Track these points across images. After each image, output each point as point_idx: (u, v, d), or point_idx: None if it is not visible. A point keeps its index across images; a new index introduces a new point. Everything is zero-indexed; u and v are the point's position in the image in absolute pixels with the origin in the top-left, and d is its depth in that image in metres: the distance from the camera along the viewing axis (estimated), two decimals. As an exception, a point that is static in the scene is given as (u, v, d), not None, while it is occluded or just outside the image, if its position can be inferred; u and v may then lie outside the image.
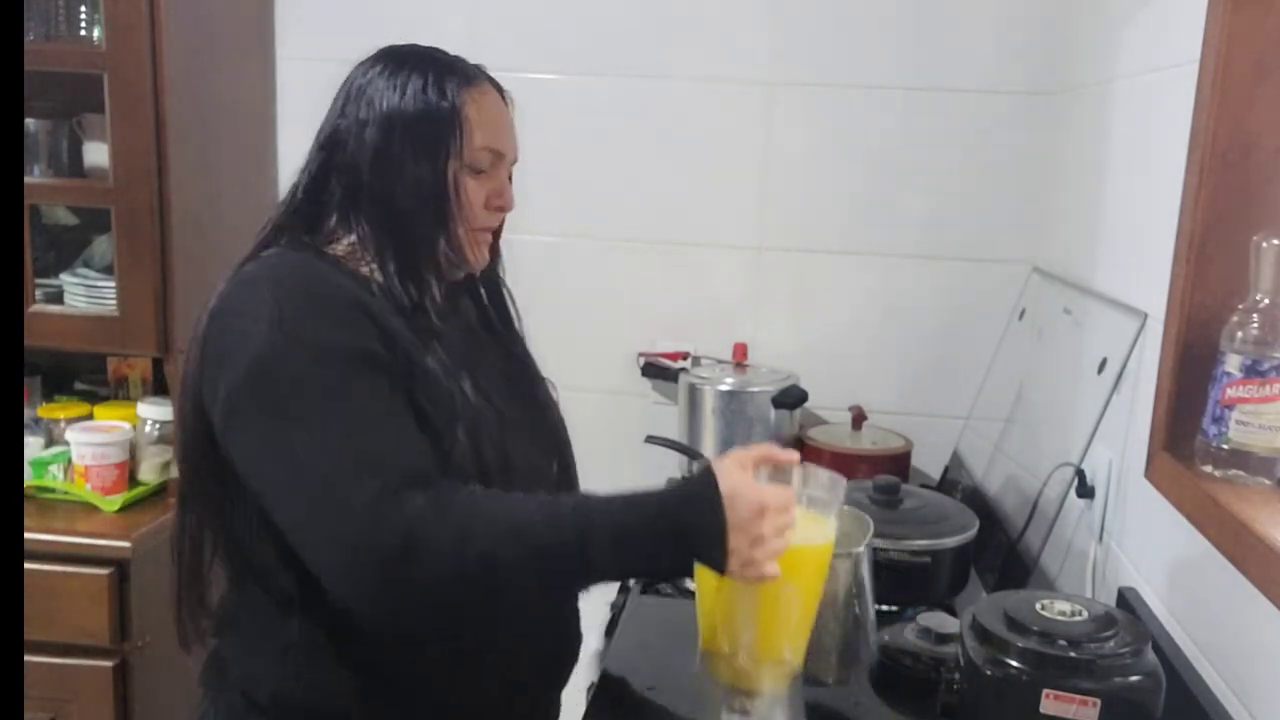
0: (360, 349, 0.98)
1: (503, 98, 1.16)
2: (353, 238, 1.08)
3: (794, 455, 1.05)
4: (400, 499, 0.90)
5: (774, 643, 1.04)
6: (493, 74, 1.16)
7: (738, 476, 0.96)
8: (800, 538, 1.00)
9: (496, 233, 1.19)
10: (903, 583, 1.18)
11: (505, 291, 1.26)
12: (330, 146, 1.09)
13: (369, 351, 0.98)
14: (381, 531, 0.88)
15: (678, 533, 0.96)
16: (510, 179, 1.18)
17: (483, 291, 1.24)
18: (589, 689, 1.26)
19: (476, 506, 0.93)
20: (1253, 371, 1.06)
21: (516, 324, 1.26)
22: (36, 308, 1.89)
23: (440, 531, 0.90)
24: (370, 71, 1.10)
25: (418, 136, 1.07)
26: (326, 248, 1.08)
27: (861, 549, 1.15)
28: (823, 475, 1.08)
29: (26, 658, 1.61)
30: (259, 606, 1.07)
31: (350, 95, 1.10)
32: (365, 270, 1.07)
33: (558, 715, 1.23)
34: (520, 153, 1.17)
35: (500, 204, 1.14)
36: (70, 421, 1.92)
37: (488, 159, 1.11)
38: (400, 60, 1.10)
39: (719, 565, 0.96)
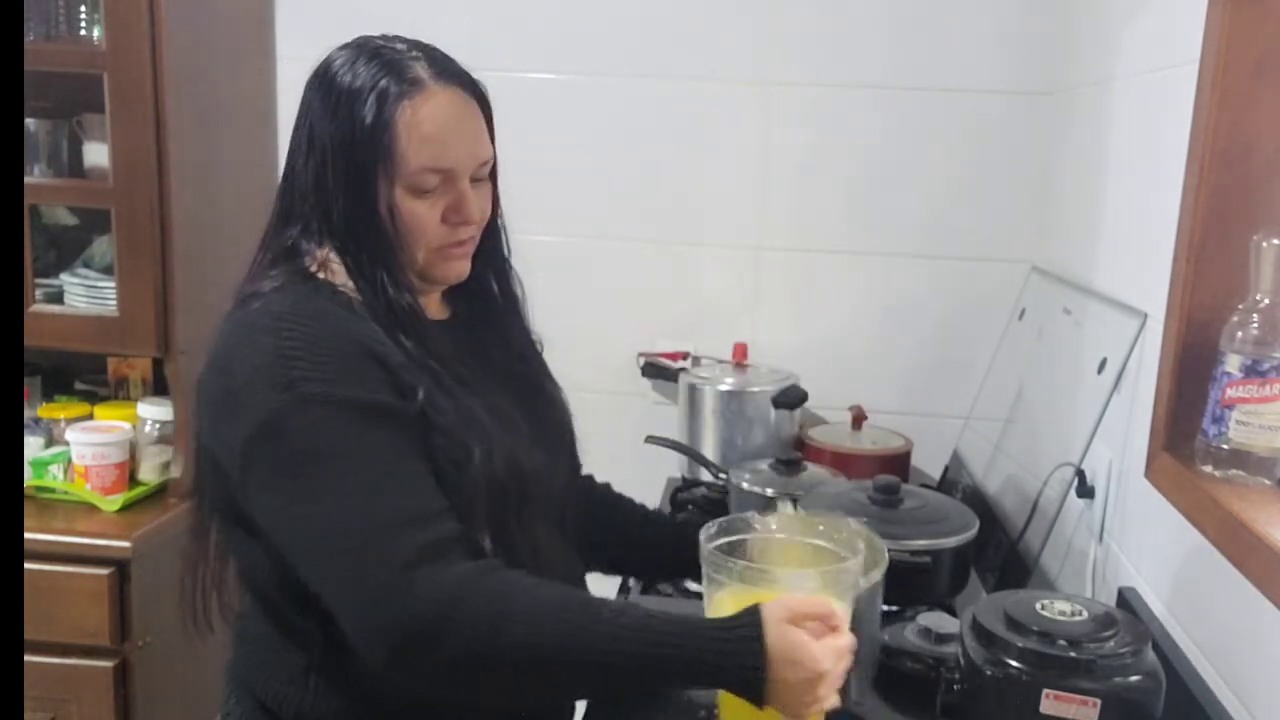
0: (371, 403, 0.94)
1: (469, 93, 1.04)
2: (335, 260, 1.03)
3: (840, 622, 0.95)
4: (436, 569, 0.87)
5: None
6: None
7: (794, 637, 0.90)
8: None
9: (488, 234, 1.11)
10: (903, 583, 1.18)
11: (512, 279, 1.18)
12: (287, 176, 1.06)
13: (380, 405, 0.94)
14: (416, 601, 0.86)
15: (709, 675, 0.92)
16: (494, 177, 1.09)
17: (494, 284, 1.17)
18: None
19: (511, 595, 0.90)
20: (1253, 371, 1.06)
21: (522, 311, 1.20)
22: (36, 308, 1.89)
23: (475, 613, 0.87)
24: (313, 87, 1.03)
25: (346, 164, 0.99)
26: (320, 273, 1.03)
27: (877, 574, 1.10)
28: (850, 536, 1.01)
29: (26, 658, 1.61)
30: (280, 633, 1.06)
31: (300, 116, 1.04)
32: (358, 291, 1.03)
33: None
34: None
35: (460, 219, 1.03)
36: (70, 421, 1.92)
37: (432, 179, 1.01)
38: (337, 71, 1.01)
39: (754, 703, 0.92)
